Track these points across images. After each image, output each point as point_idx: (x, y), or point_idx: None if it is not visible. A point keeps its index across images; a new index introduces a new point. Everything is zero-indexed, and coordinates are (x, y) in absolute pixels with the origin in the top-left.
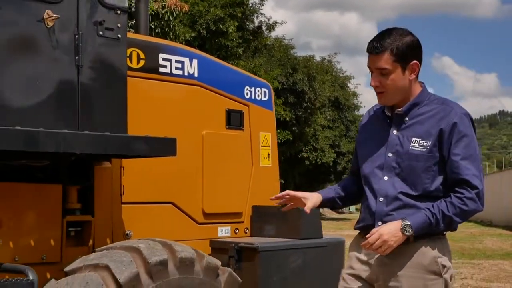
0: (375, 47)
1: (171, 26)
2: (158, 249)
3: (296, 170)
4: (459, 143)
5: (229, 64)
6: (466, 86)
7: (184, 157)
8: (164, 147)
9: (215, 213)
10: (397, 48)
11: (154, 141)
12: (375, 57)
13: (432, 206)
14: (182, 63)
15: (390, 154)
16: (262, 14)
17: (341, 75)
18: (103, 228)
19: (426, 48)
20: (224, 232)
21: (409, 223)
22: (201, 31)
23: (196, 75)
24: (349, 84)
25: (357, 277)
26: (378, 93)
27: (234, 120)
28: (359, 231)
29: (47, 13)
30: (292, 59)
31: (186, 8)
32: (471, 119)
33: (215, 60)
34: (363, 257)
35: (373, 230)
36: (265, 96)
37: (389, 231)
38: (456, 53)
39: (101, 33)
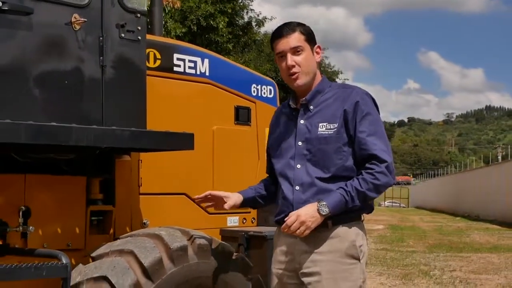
0: (285, 30)
1: (163, 22)
2: (178, 236)
3: None
4: (363, 121)
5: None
6: (453, 81)
7: (196, 151)
8: (182, 141)
9: None
10: (304, 29)
11: (174, 136)
12: (288, 39)
13: (346, 185)
14: (195, 62)
15: (300, 143)
16: (251, 10)
17: (329, 70)
18: (122, 217)
19: (413, 42)
20: (232, 221)
21: (325, 203)
22: (192, 27)
23: (207, 73)
24: (336, 79)
25: (286, 269)
26: (293, 75)
27: (242, 116)
28: (279, 224)
29: (75, 17)
30: None
31: (178, 4)
32: (373, 99)
33: (224, 59)
34: (284, 248)
35: (290, 213)
36: (270, 93)
37: (306, 212)
38: (442, 48)
39: (122, 35)
